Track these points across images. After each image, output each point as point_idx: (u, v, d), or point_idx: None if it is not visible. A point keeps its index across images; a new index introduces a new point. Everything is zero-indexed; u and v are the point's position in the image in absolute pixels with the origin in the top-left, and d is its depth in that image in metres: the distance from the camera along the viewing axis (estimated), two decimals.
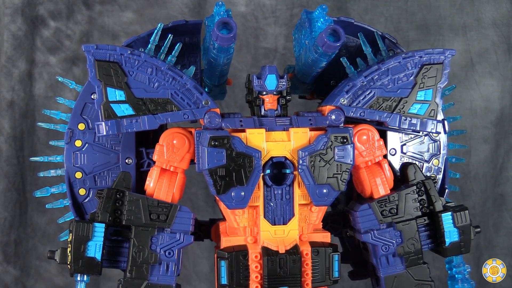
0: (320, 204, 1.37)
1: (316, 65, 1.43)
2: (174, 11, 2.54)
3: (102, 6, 2.54)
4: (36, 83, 2.55)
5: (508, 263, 1.75)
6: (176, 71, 1.36)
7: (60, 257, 1.41)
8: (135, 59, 1.33)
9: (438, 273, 1.83)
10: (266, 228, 1.37)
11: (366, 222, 1.40)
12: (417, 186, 1.42)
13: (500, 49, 2.63)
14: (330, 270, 1.39)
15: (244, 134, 1.35)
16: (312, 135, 1.37)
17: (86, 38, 2.54)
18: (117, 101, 1.33)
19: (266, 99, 1.43)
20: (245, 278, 1.36)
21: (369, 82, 1.39)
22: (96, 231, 1.33)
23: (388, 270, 1.41)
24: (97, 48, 1.32)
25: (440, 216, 1.41)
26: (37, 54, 2.53)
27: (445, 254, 1.43)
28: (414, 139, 1.53)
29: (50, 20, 2.52)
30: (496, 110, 2.65)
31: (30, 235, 2.60)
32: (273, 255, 1.35)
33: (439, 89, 1.41)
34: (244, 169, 1.32)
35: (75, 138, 1.44)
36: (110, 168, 1.45)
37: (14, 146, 2.53)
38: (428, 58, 1.40)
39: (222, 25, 1.29)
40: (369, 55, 1.48)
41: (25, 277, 2.61)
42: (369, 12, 2.59)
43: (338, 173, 1.35)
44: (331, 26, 1.32)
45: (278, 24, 2.58)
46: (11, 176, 2.53)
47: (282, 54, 2.59)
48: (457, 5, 2.62)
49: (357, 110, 1.39)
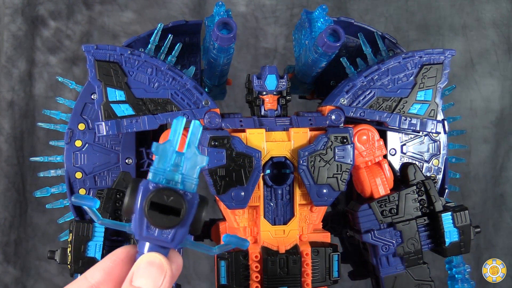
0: (320, 204, 1.37)
1: (316, 65, 1.43)
2: (174, 11, 2.54)
3: (102, 6, 2.54)
4: (36, 83, 2.55)
5: (508, 263, 1.75)
6: (176, 71, 1.36)
7: (60, 257, 1.41)
8: (135, 59, 1.34)
9: (438, 273, 1.83)
10: (266, 228, 1.37)
11: (366, 222, 1.40)
12: (417, 186, 1.43)
13: (500, 49, 2.64)
14: (330, 270, 1.39)
15: (244, 134, 1.35)
16: (312, 135, 1.37)
17: (86, 38, 2.54)
18: (117, 101, 1.33)
19: (266, 99, 1.43)
20: (245, 278, 1.36)
21: (369, 82, 1.39)
22: (96, 231, 1.34)
23: (388, 270, 1.41)
24: (97, 48, 1.32)
25: (440, 216, 1.41)
26: (37, 54, 2.54)
27: (445, 254, 1.43)
28: (414, 139, 1.53)
29: (50, 20, 2.52)
30: (496, 110, 2.66)
31: (30, 235, 2.60)
32: (273, 255, 1.35)
33: (439, 89, 1.41)
34: (244, 169, 1.32)
35: (75, 138, 1.44)
36: (110, 168, 1.45)
37: (14, 146, 2.53)
38: (428, 58, 1.40)
39: (222, 25, 1.29)
40: (369, 55, 1.48)
41: (25, 277, 2.61)
42: (369, 12, 2.59)
43: (338, 173, 1.35)
44: (331, 26, 1.33)
45: (278, 24, 2.58)
46: (11, 176, 2.54)
47: (282, 54, 2.59)
48: (457, 5, 2.62)
49: (357, 110, 1.39)
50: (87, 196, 0.86)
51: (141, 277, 0.84)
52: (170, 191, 0.84)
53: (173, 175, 0.86)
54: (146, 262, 0.85)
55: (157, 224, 0.83)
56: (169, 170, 0.86)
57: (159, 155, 0.86)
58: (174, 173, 0.86)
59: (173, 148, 0.86)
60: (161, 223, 0.83)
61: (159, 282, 0.84)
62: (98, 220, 0.87)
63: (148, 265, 0.85)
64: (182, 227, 0.85)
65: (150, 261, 0.85)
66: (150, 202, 0.83)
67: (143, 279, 0.84)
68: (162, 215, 0.83)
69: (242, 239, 0.88)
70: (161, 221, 0.83)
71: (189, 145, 0.87)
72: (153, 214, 0.83)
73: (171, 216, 0.83)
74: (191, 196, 0.85)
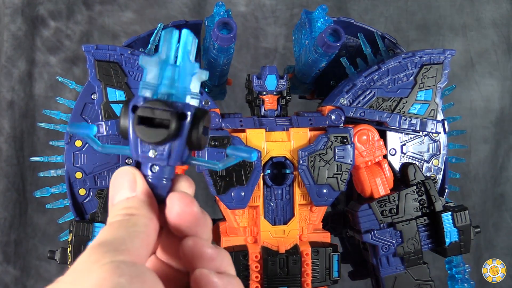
0: (320, 204, 1.37)
1: (316, 65, 1.43)
2: (174, 11, 2.55)
3: (102, 6, 2.54)
4: (36, 83, 2.55)
5: (508, 263, 1.75)
6: None
7: (60, 257, 1.41)
8: (135, 59, 1.34)
9: (438, 273, 1.83)
10: (266, 228, 1.37)
11: (366, 222, 1.40)
12: (417, 186, 1.43)
13: (500, 49, 2.64)
14: (330, 270, 1.39)
15: (244, 134, 1.35)
16: (312, 135, 1.37)
17: (86, 38, 2.54)
18: (117, 101, 1.33)
19: (266, 99, 1.43)
20: (245, 278, 1.36)
21: (369, 82, 1.39)
22: (96, 231, 1.34)
23: (388, 270, 1.41)
24: (97, 48, 1.32)
25: (440, 216, 1.41)
26: (37, 54, 2.54)
27: (445, 254, 1.43)
28: (414, 139, 1.53)
29: (50, 20, 2.52)
30: (496, 110, 2.66)
31: (30, 235, 2.60)
32: (273, 255, 1.35)
33: (439, 89, 1.41)
34: (244, 169, 1.32)
35: (75, 138, 1.44)
36: (110, 168, 1.45)
37: (14, 146, 2.53)
38: (428, 58, 1.40)
39: (222, 25, 1.29)
40: (369, 55, 1.48)
41: (25, 277, 2.61)
42: (369, 12, 2.59)
43: (338, 173, 1.35)
44: (331, 26, 1.33)
45: (278, 24, 2.58)
46: (11, 176, 2.54)
47: (282, 54, 2.59)
48: (457, 5, 2.62)
49: (357, 110, 1.39)
50: (83, 124, 0.81)
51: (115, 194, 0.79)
52: (158, 103, 0.77)
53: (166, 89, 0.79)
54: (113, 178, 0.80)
55: (147, 138, 0.77)
56: (161, 84, 0.79)
57: (149, 68, 0.79)
58: (166, 87, 0.79)
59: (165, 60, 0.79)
60: (150, 137, 0.77)
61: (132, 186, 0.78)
62: (98, 146, 0.82)
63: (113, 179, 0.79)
64: (176, 141, 0.78)
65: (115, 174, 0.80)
66: (138, 117, 0.77)
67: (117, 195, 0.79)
68: (151, 128, 0.77)
69: (248, 149, 0.79)
70: (149, 134, 0.77)
71: (182, 56, 0.80)
72: (141, 129, 0.77)
73: (160, 129, 0.77)
74: (182, 106, 0.78)
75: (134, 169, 0.80)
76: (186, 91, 0.79)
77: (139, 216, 0.75)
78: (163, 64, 0.79)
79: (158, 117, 0.77)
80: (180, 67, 0.79)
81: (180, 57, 0.80)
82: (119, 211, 0.75)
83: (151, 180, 0.80)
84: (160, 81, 0.79)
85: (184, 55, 0.80)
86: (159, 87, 0.79)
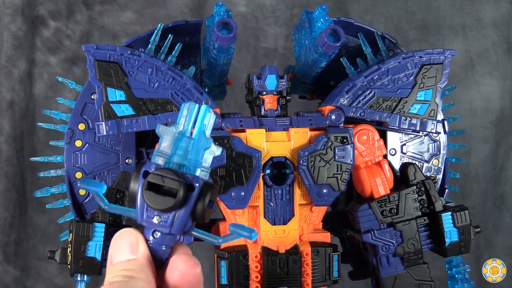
0: (320, 204, 1.37)
1: (316, 65, 1.43)
2: (174, 11, 2.55)
3: (102, 6, 2.54)
4: (36, 83, 2.55)
5: (508, 263, 1.75)
6: (176, 71, 1.36)
7: (60, 257, 1.41)
8: (135, 59, 1.34)
9: (438, 273, 1.83)
10: (266, 228, 1.37)
11: (366, 222, 1.40)
12: (417, 186, 1.43)
13: (500, 49, 2.64)
14: (330, 270, 1.39)
15: (244, 134, 1.35)
16: (312, 135, 1.37)
17: (86, 38, 2.54)
18: (117, 101, 1.33)
19: (266, 99, 1.43)
20: (245, 278, 1.36)
21: (369, 82, 1.40)
22: (96, 231, 1.34)
23: (388, 270, 1.41)
24: (97, 48, 1.32)
25: (440, 216, 1.41)
26: (37, 54, 2.54)
27: (445, 254, 1.43)
28: (414, 139, 1.53)
29: (50, 20, 2.52)
30: (496, 110, 2.66)
31: (30, 235, 2.60)
32: (273, 255, 1.35)
33: (439, 89, 1.41)
34: (244, 169, 1.32)
35: (75, 138, 1.44)
36: (110, 168, 1.45)
37: (14, 146, 2.53)
38: (428, 58, 1.40)
39: (222, 25, 1.29)
40: (369, 55, 1.48)
41: (25, 277, 2.61)
42: (369, 12, 2.60)
43: (338, 173, 1.35)
44: (331, 26, 1.33)
45: (278, 24, 2.58)
46: (11, 176, 2.54)
47: (282, 54, 2.59)
48: (457, 5, 2.62)
49: (357, 110, 1.39)
50: (94, 181, 0.84)
51: (116, 254, 0.81)
52: (169, 172, 0.81)
53: (179, 160, 0.83)
54: (114, 238, 0.82)
55: (153, 204, 0.80)
56: (175, 154, 0.83)
57: (164, 137, 0.83)
58: (180, 158, 0.83)
59: (182, 132, 0.83)
60: (157, 203, 0.80)
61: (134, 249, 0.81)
62: (105, 205, 0.85)
63: (115, 239, 0.82)
64: (181, 210, 0.81)
65: (117, 234, 0.82)
66: (147, 183, 0.80)
67: (117, 255, 0.81)
68: (158, 195, 0.80)
69: (249, 229, 0.83)
70: (156, 201, 0.80)
71: (199, 130, 0.84)
72: (150, 194, 0.80)
73: (167, 197, 0.80)
74: (191, 178, 0.81)
75: (137, 232, 0.84)
76: (197, 164, 0.84)
77: (138, 279, 0.77)
78: (180, 135, 0.84)
79: (167, 185, 0.80)
80: (195, 140, 0.84)
81: (196, 131, 0.84)
82: (119, 272, 0.78)
83: (152, 245, 0.84)
84: (174, 150, 0.83)
85: (200, 130, 0.84)
86: (172, 157, 0.83)
